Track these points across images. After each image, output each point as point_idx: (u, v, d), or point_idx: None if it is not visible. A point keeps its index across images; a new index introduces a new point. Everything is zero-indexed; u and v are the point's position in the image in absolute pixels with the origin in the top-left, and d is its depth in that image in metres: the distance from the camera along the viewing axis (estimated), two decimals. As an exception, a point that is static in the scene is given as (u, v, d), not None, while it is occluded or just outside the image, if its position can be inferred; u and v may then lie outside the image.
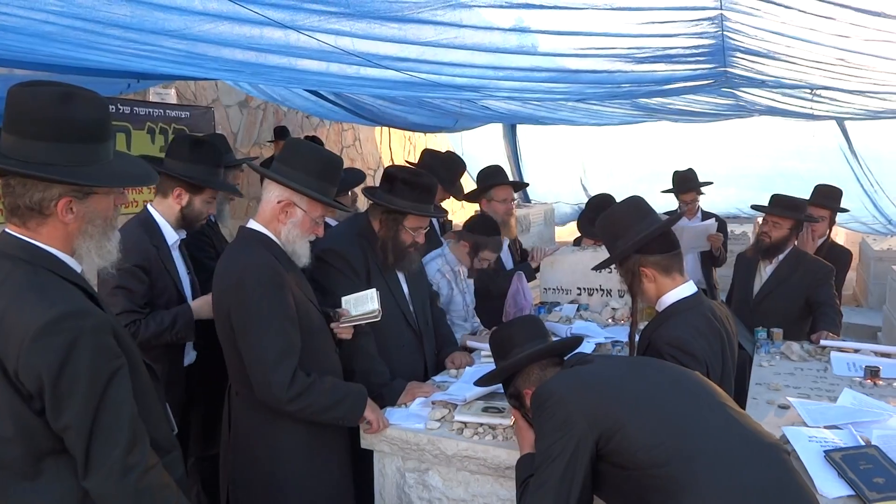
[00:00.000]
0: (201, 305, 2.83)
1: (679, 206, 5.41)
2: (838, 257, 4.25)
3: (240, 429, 2.40)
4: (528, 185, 7.56)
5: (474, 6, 2.40)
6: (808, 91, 4.18)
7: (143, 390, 1.71)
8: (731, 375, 2.38)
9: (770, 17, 2.44)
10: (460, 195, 4.58)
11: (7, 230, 1.64)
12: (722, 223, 5.31)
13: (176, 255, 2.96)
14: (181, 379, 3.00)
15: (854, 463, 1.98)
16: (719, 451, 1.66)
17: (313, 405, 2.26)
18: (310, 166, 2.31)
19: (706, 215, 5.42)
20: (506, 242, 4.32)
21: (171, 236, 2.92)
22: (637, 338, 2.51)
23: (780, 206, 3.87)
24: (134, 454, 1.57)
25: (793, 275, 3.84)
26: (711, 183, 5.55)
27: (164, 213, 2.92)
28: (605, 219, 2.46)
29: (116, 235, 1.73)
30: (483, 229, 3.62)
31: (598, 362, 2.02)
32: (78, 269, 1.68)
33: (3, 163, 1.54)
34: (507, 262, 4.31)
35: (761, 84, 4.03)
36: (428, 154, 4.81)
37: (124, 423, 1.57)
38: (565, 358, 2.18)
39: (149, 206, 2.94)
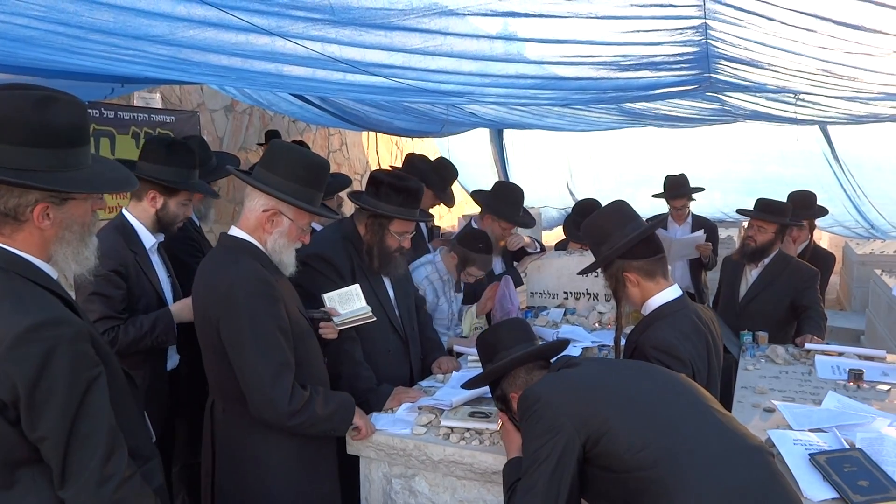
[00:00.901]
0: (181, 308, 2.79)
1: (669, 211, 5.41)
2: (822, 261, 4.30)
3: (225, 442, 2.34)
4: (534, 224, 7.53)
5: (460, 14, 2.41)
6: (792, 96, 4.21)
7: (121, 398, 1.69)
8: (716, 378, 2.39)
9: (754, 27, 2.46)
10: (451, 202, 4.58)
11: None
12: (713, 227, 5.33)
13: (155, 258, 2.93)
14: (164, 384, 2.96)
15: (838, 466, 1.99)
16: (705, 453, 1.66)
17: (312, 418, 2.21)
18: (295, 172, 2.22)
19: (696, 219, 5.43)
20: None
21: (149, 240, 2.89)
22: (623, 342, 2.52)
23: (765, 210, 3.90)
24: (111, 464, 1.55)
25: (778, 278, 3.88)
26: (703, 189, 5.56)
27: (139, 217, 2.88)
28: (589, 224, 2.48)
29: (94, 241, 1.70)
30: (474, 246, 3.58)
31: (585, 365, 2.02)
32: (54, 275, 1.65)
33: None
34: (496, 266, 4.32)
35: (745, 89, 4.07)
36: (418, 159, 4.81)
37: (102, 433, 1.54)
38: (552, 361, 2.18)
39: (124, 211, 2.90)
